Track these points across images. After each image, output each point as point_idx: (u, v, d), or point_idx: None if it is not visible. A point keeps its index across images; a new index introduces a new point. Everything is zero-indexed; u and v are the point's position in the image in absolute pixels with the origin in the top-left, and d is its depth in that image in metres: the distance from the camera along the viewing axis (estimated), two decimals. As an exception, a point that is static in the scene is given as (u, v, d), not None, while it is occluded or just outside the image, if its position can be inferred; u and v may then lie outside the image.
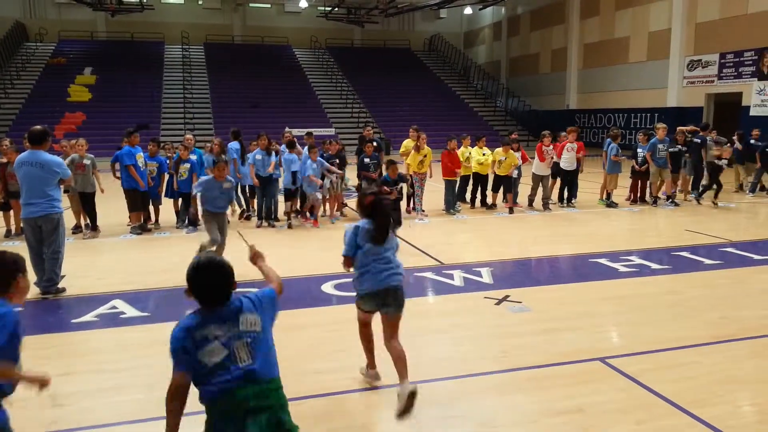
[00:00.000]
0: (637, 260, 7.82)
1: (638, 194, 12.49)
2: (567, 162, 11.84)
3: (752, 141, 13.45)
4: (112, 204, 10.89)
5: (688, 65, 24.54)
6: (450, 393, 4.26)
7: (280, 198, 10.73)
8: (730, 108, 22.55)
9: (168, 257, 8.16)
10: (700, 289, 6.64)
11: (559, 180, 12.05)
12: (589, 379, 4.42)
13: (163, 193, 10.29)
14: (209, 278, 2.59)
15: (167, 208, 10.50)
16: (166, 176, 10.15)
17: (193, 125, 27.28)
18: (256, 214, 10.66)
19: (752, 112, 21.56)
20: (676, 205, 12.14)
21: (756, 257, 7.94)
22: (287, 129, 13.64)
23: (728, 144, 12.77)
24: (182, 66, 33.48)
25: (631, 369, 4.48)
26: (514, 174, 11.60)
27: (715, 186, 12.15)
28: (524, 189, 12.26)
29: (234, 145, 10.88)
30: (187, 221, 10.04)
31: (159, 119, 28.36)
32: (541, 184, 11.67)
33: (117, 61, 32.27)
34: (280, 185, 10.58)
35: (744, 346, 4.98)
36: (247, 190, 11.13)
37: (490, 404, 4.08)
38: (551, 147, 11.50)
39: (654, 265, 7.58)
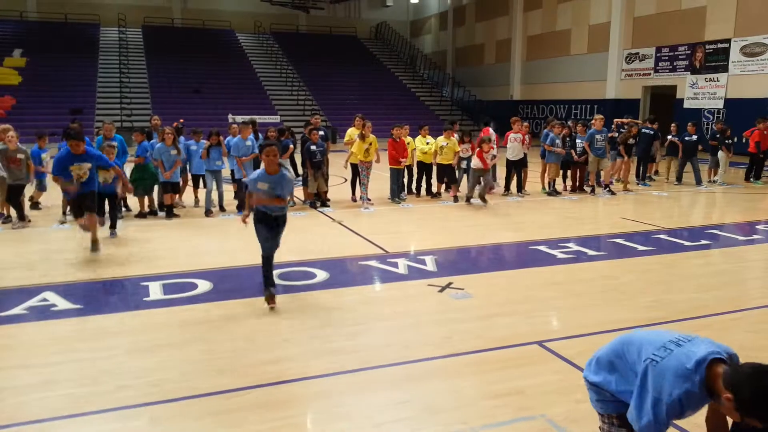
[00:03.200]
0: (575, 247, 8.05)
1: (577, 183, 12.86)
2: (512, 152, 12.09)
3: (687, 137, 13.94)
4: (45, 194, 10.47)
5: (626, 58, 25.37)
6: (394, 378, 4.29)
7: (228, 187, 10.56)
8: (665, 100, 23.46)
9: (103, 248, 7.86)
10: (633, 274, 6.90)
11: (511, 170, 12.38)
12: (528, 362, 4.53)
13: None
14: None
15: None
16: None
17: (130, 111, 26.35)
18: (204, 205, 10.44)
19: (686, 105, 22.52)
20: (613, 194, 12.55)
21: (686, 243, 8.31)
22: (231, 116, 13.36)
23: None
24: (119, 49, 32.21)
25: (568, 352, 4.61)
26: (464, 165, 11.75)
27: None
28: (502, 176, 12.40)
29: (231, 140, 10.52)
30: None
31: (94, 104, 27.24)
32: (482, 179, 11.81)
33: (49, 43, 30.73)
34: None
35: (675, 327, 5.18)
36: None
37: (432, 388, 4.13)
38: (489, 151, 11.20)
39: (591, 252, 7.82)
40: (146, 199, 10.04)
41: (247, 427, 3.62)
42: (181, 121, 12.50)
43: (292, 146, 11.87)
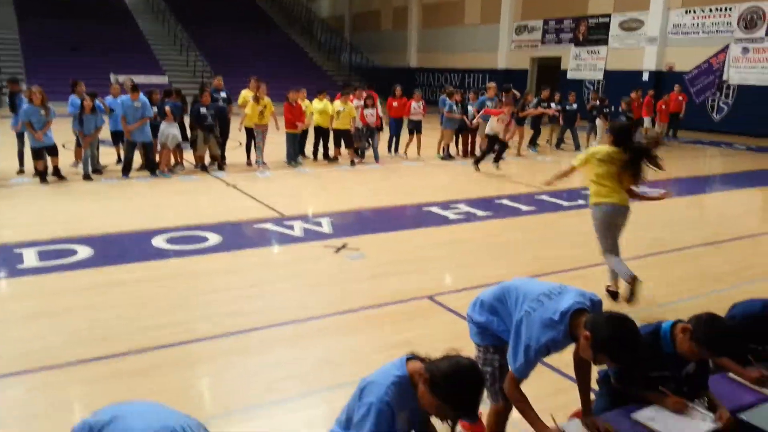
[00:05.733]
0: (465, 208, 8.40)
1: (468, 148, 13.32)
2: (415, 116, 12.50)
3: (568, 106, 14.78)
4: None
5: (516, 30, 26.30)
6: (290, 336, 4.34)
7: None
8: (551, 71, 24.63)
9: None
10: (517, 232, 7.33)
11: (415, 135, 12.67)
12: (418, 315, 4.73)
13: None
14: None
15: None
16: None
17: (-1, 69, 23.98)
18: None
19: (569, 75, 23.77)
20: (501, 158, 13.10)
21: (565, 204, 8.90)
22: (113, 75, 12.54)
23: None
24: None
25: (455, 304, 4.85)
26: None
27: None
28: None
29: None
30: None
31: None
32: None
33: None
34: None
35: (554, 279, 5.59)
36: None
37: (327, 345, 4.22)
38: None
39: (479, 212, 8.20)
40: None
41: (133, 391, 3.53)
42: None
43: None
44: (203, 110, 10.34)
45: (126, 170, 9.87)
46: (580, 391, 2.55)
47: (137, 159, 10.21)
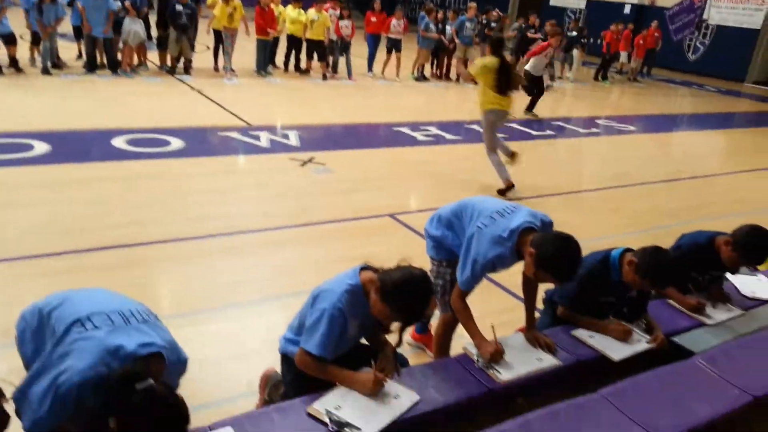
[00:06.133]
0: (435, 131, 8.35)
1: (444, 71, 13.08)
2: (395, 34, 12.09)
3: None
4: None
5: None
6: (250, 245, 4.37)
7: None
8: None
9: None
10: (484, 157, 7.32)
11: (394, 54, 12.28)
12: (378, 232, 4.79)
13: None
14: None
15: None
16: None
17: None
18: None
19: (552, 2, 23.20)
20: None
21: (534, 133, 8.92)
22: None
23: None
24: None
25: (417, 223, 4.90)
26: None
27: None
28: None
29: None
30: None
31: None
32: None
33: None
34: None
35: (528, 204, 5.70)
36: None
37: (287, 254, 4.27)
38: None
39: (448, 136, 8.17)
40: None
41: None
42: None
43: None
44: (179, 7, 9.74)
45: (91, 66, 9.43)
46: (526, 308, 2.65)
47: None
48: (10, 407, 1.64)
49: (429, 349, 3.19)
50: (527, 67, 9.66)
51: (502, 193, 5.80)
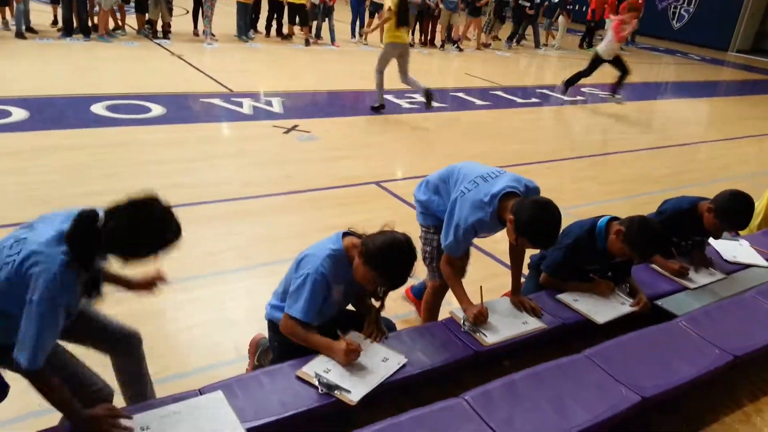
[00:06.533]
0: (420, 98, 8.24)
1: (428, 37, 12.92)
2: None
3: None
4: None
5: None
6: (232, 212, 4.32)
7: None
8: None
9: None
10: (469, 125, 7.33)
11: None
12: (364, 200, 4.76)
13: None
14: None
15: None
16: None
17: None
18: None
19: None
20: (460, 50, 12.84)
21: (518, 100, 8.89)
22: None
23: None
24: None
25: (402, 191, 4.89)
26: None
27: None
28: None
29: None
30: None
31: None
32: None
33: None
34: None
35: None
36: None
37: (270, 222, 4.23)
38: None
39: (434, 103, 8.08)
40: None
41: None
42: None
43: None
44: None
45: (67, 30, 9.14)
46: (512, 273, 2.66)
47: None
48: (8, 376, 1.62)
49: (419, 313, 3.21)
50: (600, 51, 9.03)
51: (375, 109, 7.15)
